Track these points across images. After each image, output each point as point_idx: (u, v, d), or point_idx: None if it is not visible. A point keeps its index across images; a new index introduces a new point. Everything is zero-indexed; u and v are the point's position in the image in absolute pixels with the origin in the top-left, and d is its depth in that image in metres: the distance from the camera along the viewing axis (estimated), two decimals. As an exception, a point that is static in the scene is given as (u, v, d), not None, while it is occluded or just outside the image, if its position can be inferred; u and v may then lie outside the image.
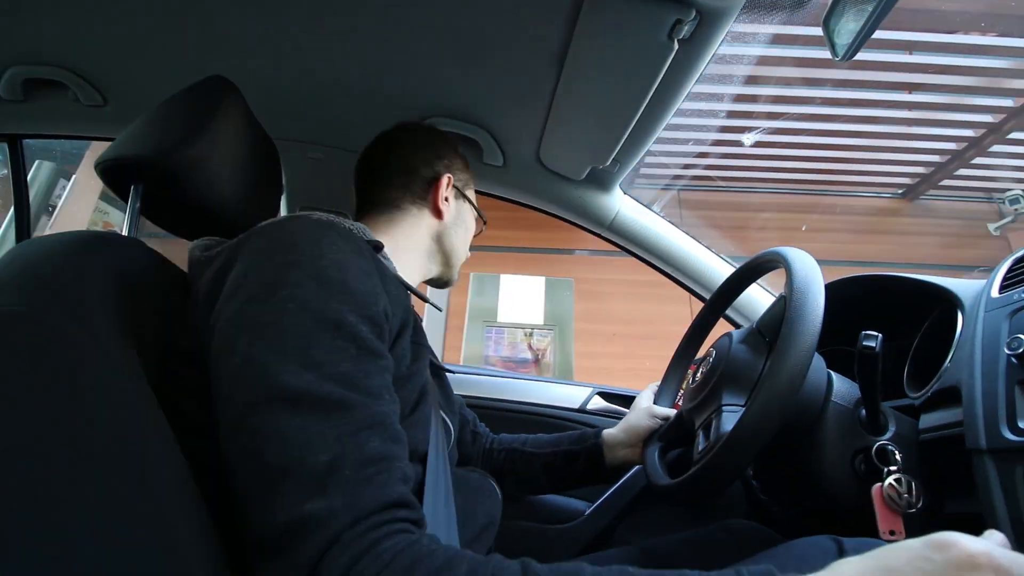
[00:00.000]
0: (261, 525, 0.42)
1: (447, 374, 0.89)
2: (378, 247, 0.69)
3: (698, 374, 0.82)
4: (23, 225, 1.34)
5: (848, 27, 0.64)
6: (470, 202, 0.92)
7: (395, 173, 0.84)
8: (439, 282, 0.92)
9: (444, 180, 0.84)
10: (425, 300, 0.80)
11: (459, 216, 0.89)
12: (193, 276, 0.62)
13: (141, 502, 0.42)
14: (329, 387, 0.46)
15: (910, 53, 3.37)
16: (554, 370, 4.14)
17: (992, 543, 0.40)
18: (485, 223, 0.97)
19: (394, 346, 0.58)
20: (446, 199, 0.85)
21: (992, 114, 3.86)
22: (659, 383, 1.00)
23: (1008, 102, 3.72)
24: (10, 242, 2.58)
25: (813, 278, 0.66)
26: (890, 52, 3.33)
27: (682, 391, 0.99)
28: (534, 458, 0.96)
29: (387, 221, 0.82)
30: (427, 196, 0.84)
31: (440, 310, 0.96)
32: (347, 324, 0.50)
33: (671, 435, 0.87)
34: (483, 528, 0.74)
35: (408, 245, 0.82)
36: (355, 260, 0.54)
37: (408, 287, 0.72)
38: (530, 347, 4.23)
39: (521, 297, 4.44)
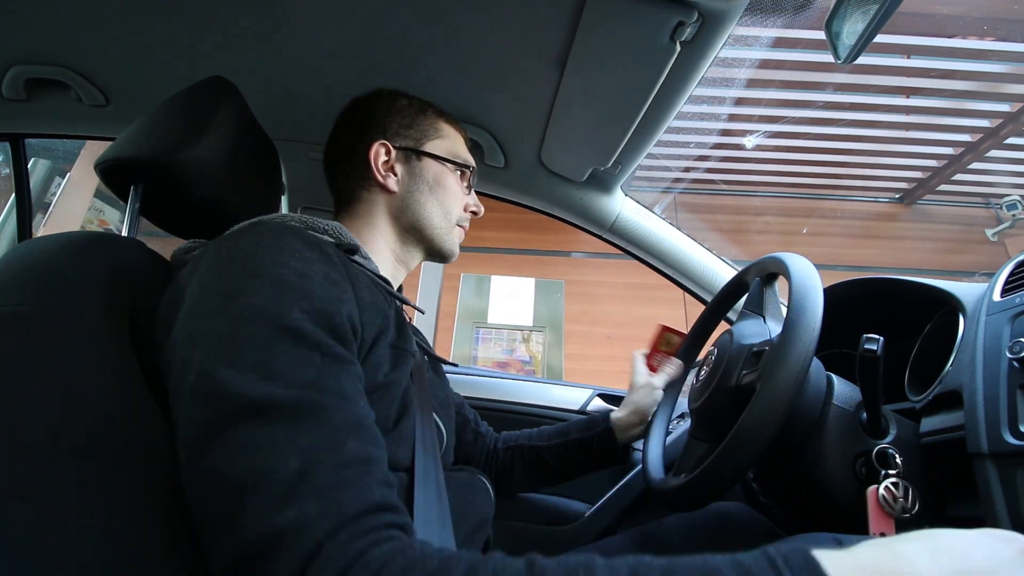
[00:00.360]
0: (231, 548, 0.38)
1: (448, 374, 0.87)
2: (353, 249, 0.66)
3: (702, 372, 0.82)
4: (24, 225, 1.34)
5: (850, 30, 0.64)
6: (432, 156, 0.78)
7: (338, 164, 0.79)
8: (435, 257, 0.83)
9: (375, 149, 0.75)
10: (405, 302, 0.75)
11: (416, 179, 0.77)
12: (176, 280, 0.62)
13: (138, 500, 0.42)
14: (297, 393, 0.43)
15: (908, 57, 3.38)
16: (543, 372, 4.12)
17: None
18: (470, 169, 0.83)
19: (368, 355, 0.55)
20: (390, 167, 0.76)
21: (989, 119, 3.86)
22: (645, 351, 1.02)
23: (1005, 107, 3.72)
24: (8, 237, 2.57)
25: (811, 281, 0.67)
26: (888, 56, 3.33)
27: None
28: (543, 450, 0.95)
29: (351, 216, 0.77)
30: (368, 173, 0.75)
31: (423, 312, 0.94)
32: (308, 332, 0.47)
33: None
34: (477, 526, 0.73)
35: (375, 236, 0.76)
36: (320, 267, 0.52)
37: (388, 289, 0.68)
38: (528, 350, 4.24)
39: (511, 298, 4.43)
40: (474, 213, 0.85)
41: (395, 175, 0.76)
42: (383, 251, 0.77)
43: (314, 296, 0.49)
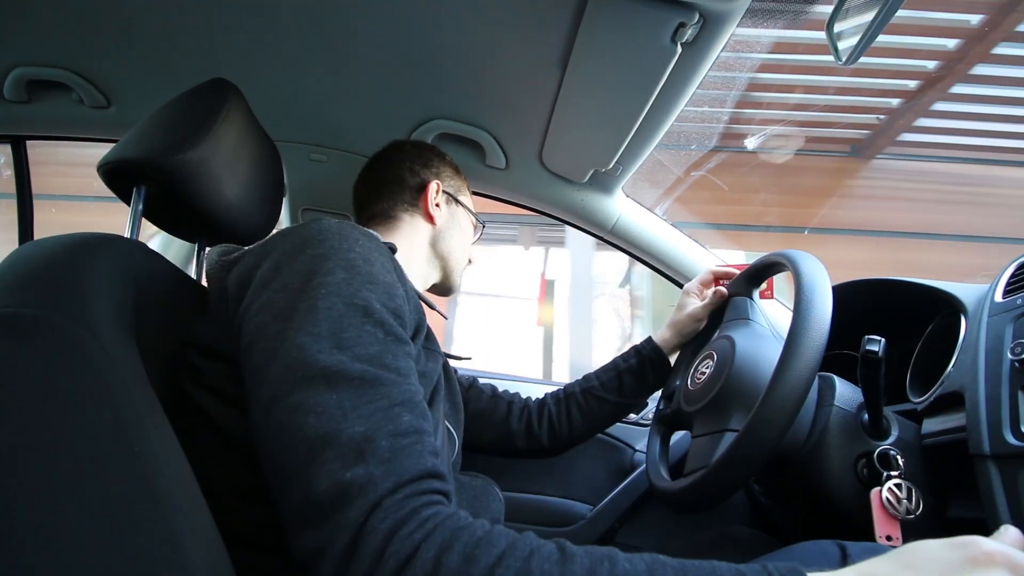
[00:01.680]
0: (303, 495, 0.44)
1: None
2: (393, 248, 0.71)
3: (698, 375, 0.82)
4: (26, 226, 1.34)
5: (851, 31, 0.65)
6: (464, 207, 0.95)
7: (384, 185, 0.89)
8: (441, 289, 0.94)
9: (432, 185, 0.89)
10: (431, 306, 0.83)
11: (453, 220, 0.92)
12: (215, 278, 0.63)
13: (143, 503, 0.42)
14: (361, 366, 0.48)
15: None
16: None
17: (1008, 543, 0.42)
18: (484, 226, 1.00)
19: (412, 342, 0.59)
20: (437, 204, 0.89)
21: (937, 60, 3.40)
22: (705, 304, 0.97)
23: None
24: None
25: (820, 283, 0.66)
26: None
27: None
28: (597, 389, 0.98)
29: (385, 230, 0.86)
30: (417, 202, 0.88)
31: (446, 318, 0.97)
32: (375, 311, 0.52)
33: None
34: None
35: (408, 252, 0.84)
36: (377, 256, 0.58)
37: (416, 293, 0.73)
38: None
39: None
40: (470, 261, 0.99)
41: (440, 210, 0.89)
42: (412, 267, 0.85)
43: (378, 280, 0.55)
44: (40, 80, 1.02)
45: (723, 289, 0.97)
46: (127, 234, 0.72)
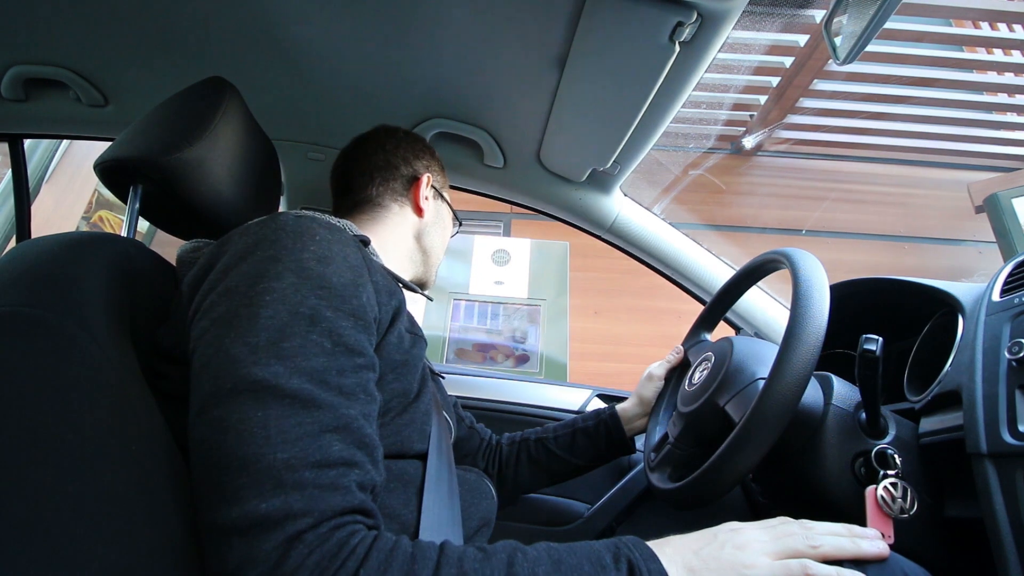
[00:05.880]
0: (212, 519, 0.41)
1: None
2: (365, 242, 0.69)
3: (695, 377, 0.82)
4: (24, 225, 1.34)
5: (848, 30, 0.65)
6: (447, 203, 0.95)
7: (376, 171, 0.86)
8: (417, 283, 0.92)
9: (424, 178, 0.88)
10: (414, 290, 0.82)
11: (438, 215, 0.92)
12: (181, 277, 0.62)
13: (139, 501, 0.42)
14: (298, 382, 0.45)
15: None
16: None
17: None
18: (461, 224, 1.00)
19: (388, 334, 0.58)
20: (426, 198, 0.88)
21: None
22: (661, 363, 1.00)
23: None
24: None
25: (818, 280, 0.66)
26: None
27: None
28: (550, 442, 0.97)
29: (370, 219, 0.84)
30: (408, 194, 0.87)
31: (431, 300, 0.98)
32: (324, 319, 0.49)
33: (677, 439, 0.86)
34: (478, 528, 0.74)
35: (391, 243, 0.83)
36: (339, 250, 0.54)
37: (397, 278, 0.72)
38: None
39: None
40: None
41: (428, 204, 0.89)
42: (391, 259, 0.81)
43: (333, 283, 0.51)
44: (38, 78, 1.02)
45: (681, 347, 0.98)
46: (124, 233, 0.72)
